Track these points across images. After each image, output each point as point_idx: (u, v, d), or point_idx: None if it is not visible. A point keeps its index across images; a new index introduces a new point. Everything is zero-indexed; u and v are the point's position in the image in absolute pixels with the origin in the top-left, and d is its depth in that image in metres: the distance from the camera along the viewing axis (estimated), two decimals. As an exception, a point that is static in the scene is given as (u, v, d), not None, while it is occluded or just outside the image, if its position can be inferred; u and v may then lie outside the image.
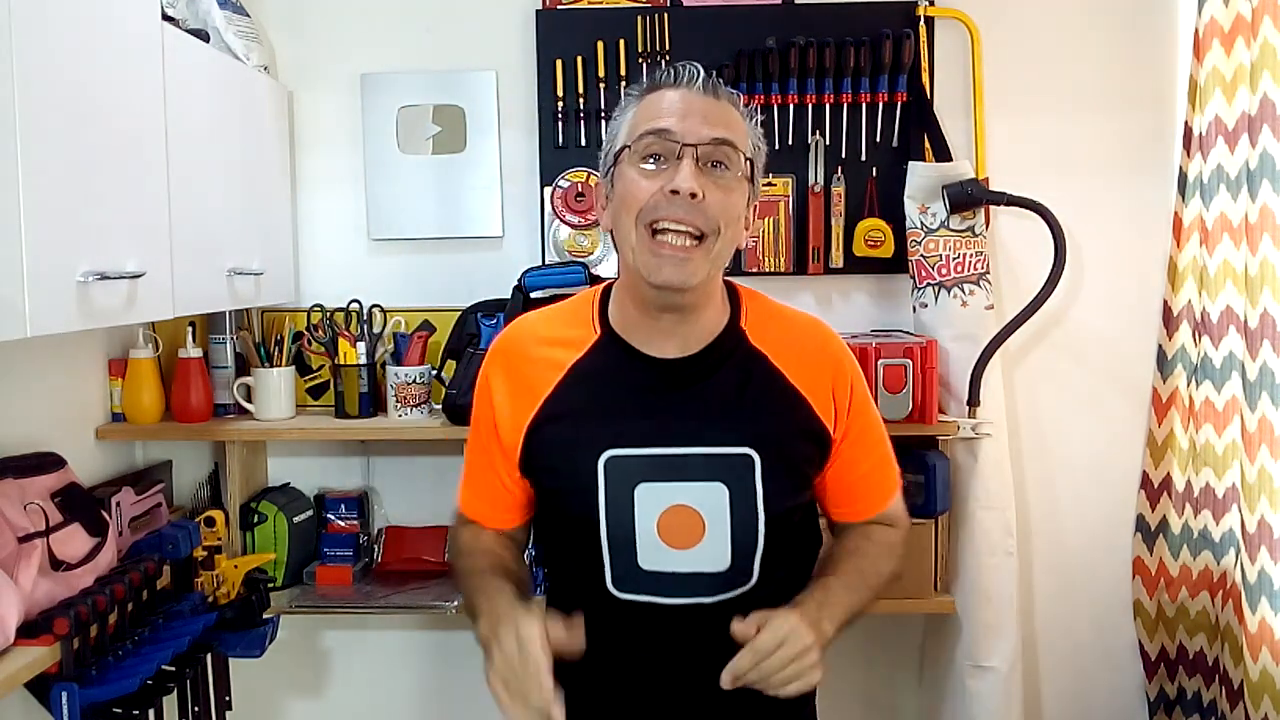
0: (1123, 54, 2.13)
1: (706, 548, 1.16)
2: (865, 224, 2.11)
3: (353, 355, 2.06)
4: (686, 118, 1.12)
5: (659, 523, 1.15)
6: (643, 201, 1.11)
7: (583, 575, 1.19)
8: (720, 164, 1.13)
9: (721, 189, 1.12)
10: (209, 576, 1.87)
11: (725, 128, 1.13)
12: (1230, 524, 2.00)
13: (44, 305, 1.23)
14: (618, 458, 1.16)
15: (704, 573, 1.16)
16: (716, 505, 1.15)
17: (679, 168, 1.10)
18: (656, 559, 1.16)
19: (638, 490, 1.15)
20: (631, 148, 1.14)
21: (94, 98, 1.36)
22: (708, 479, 1.16)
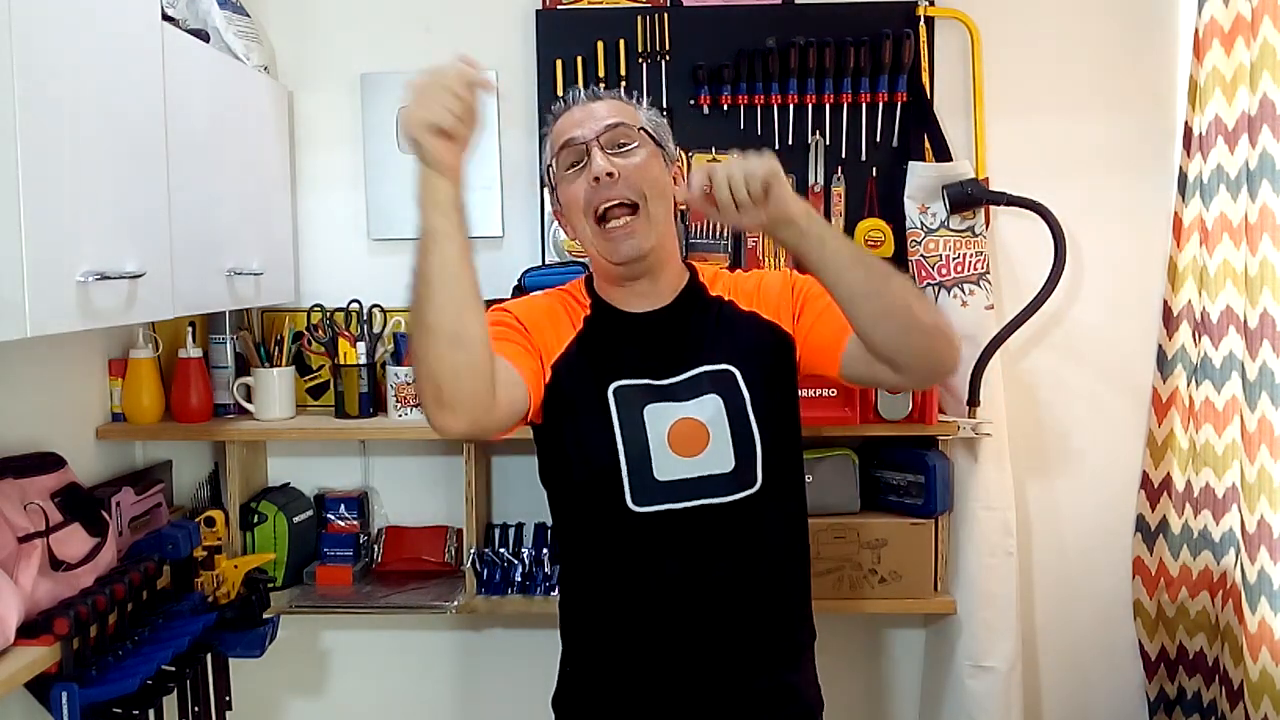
0: (1123, 54, 2.13)
1: (712, 452, 1.31)
2: (865, 224, 2.11)
3: (353, 355, 2.06)
4: (584, 123, 1.34)
5: (669, 435, 1.31)
6: (581, 199, 1.32)
7: (602, 502, 1.31)
8: (622, 144, 1.33)
9: (630, 160, 1.32)
10: (209, 576, 1.87)
11: (615, 114, 1.35)
12: (1230, 524, 2.00)
13: (44, 305, 1.23)
14: (624, 386, 1.33)
15: (713, 474, 1.31)
16: (715, 413, 1.32)
17: (592, 160, 1.31)
18: (669, 468, 1.30)
19: (646, 410, 1.32)
20: (555, 164, 1.37)
21: (94, 98, 1.36)
22: (706, 392, 1.33)
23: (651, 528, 1.30)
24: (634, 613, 1.34)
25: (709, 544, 1.31)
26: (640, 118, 1.38)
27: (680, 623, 1.33)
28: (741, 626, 1.34)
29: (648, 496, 1.30)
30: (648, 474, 1.30)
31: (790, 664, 1.41)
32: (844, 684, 2.26)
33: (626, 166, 1.31)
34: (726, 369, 1.34)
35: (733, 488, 1.31)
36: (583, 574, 1.41)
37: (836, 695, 2.24)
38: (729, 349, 1.36)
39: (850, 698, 2.27)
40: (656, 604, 1.33)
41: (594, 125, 1.33)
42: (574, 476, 1.37)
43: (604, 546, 1.35)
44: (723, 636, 1.33)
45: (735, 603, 1.33)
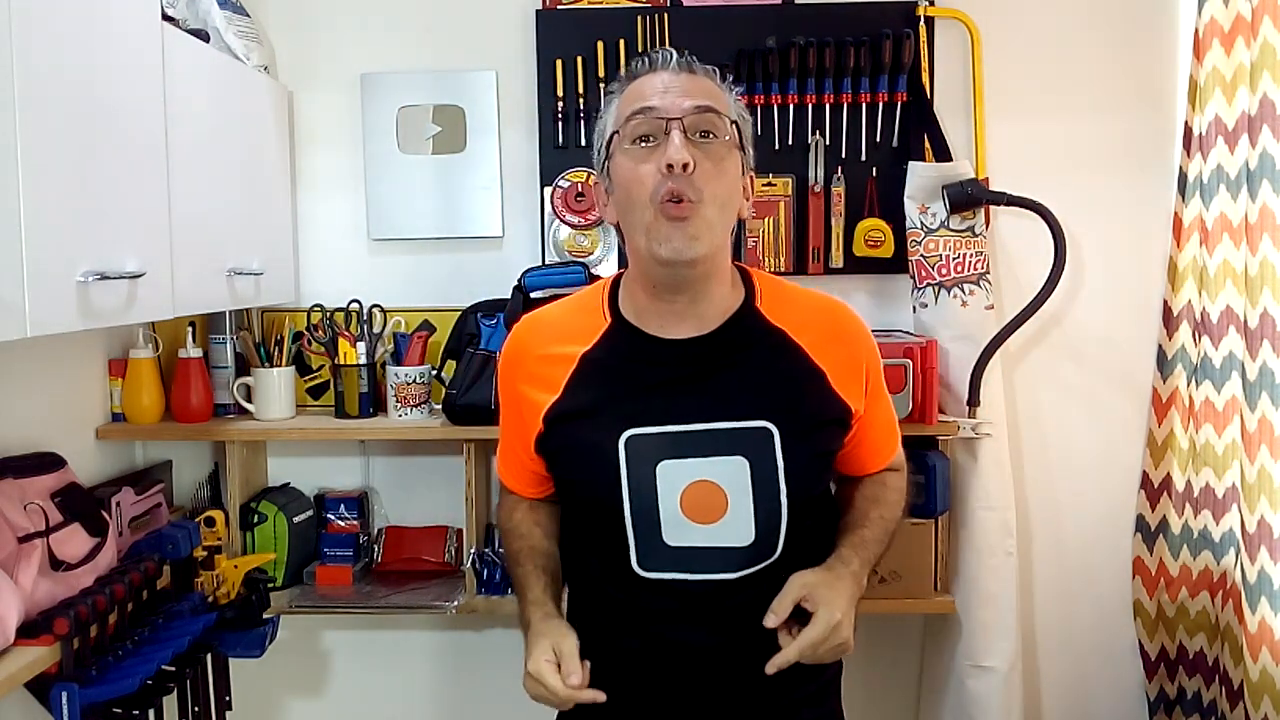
0: (1123, 54, 2.13)
1: (730, 522, 1.17)
2: (865, 224, 2.11)
3: (353, 355, 2.06)
4: (667, 93, 1.14)
5: (682, 498, 1.17)
6: (650, 186, 1.13)
7: (607, 557, 1.21)
8: (708, 133, 1.14)
9: (711, 158, 1.14)
10: (209, 576, 1.87)
11: (706, 95, 1.16)
12: (1230, 524, 2.00)
13: (44, 305, 1.23)
14: (638, 437, 1.17)
15: (729, 547, 1.17)
16: (738, 479, 1.16)
17: (669, 142, 1.12)
18: (681, 535, 1.17)
19: (659, 468, 1.17)
20: (621, 132, 1.16)
21: (94, 98, 1.36)
22: (728, 453, 1.16)
23: (658, 592, 1.19)
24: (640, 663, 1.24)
25: (718, 615, 1.19)
26: (732, 109, 1.19)
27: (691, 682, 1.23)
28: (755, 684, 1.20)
29: (655, 562, 1.18)
30: (656, 539, 1.17)
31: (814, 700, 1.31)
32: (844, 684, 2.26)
33: (706, 164, 1.13)
34: (764, 427, 1.17)
35: (747, 562, 1.18)
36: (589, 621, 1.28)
37: (836, 695, 2.26)
38: (775, 402, 1.18)
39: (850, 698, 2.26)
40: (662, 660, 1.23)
41: (681, 101, 1.14)
42: (579, 539, 1.30)
43: (610, 601, 1.24)
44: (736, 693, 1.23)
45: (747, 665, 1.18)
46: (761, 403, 1.18)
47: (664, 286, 1.19)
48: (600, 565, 1.24)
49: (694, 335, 1.20)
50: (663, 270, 1.16)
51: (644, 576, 1.19)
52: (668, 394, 1.19)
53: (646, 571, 1.18)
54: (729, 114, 1.17)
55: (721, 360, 1.20)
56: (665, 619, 1.21)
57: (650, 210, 1.13)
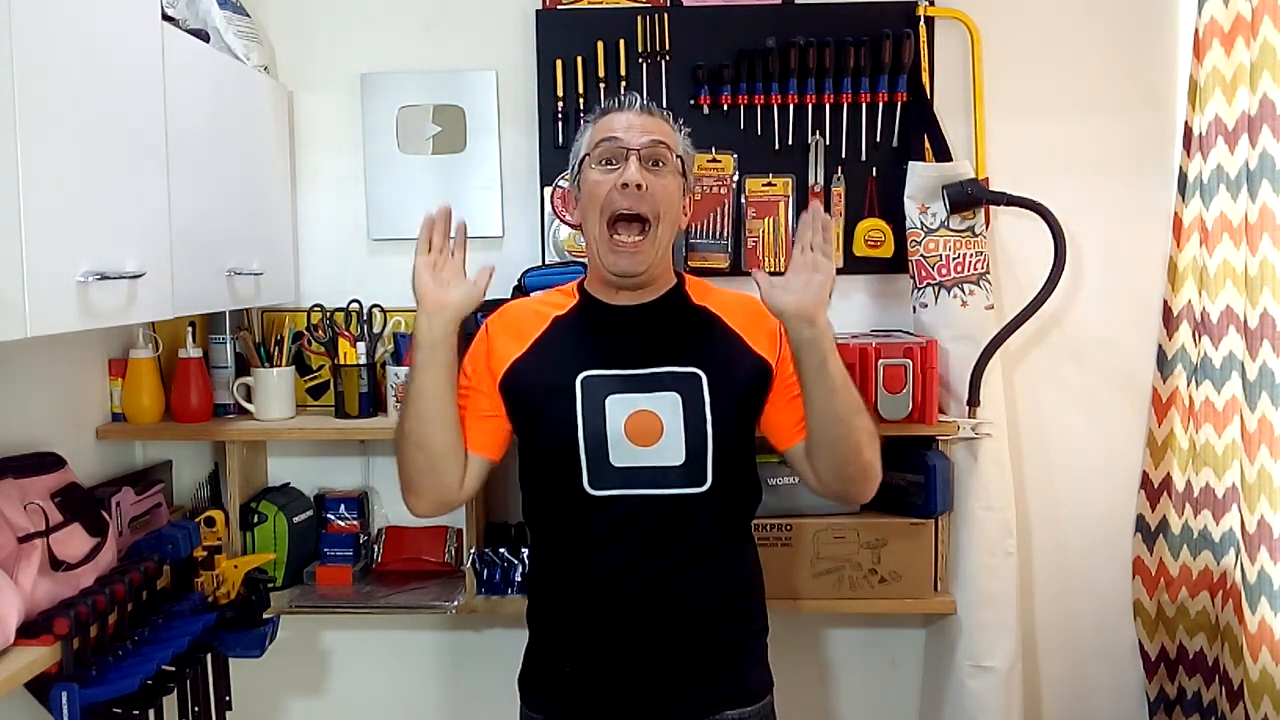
0: (1123, 54, 2.13)
1: (666, 445, 1.42)
2: (865, 224, 2.11)
3: (353, 355, 2.06)
4: (630, 129, 1.44)
5: (626, 425, 1.42)
6: (602, 197, 1.42)
7: (561, 482, 1.43)
8: (659, 161, 1.44)
9: (660, 180, 1.44)
10: (209, 576, 1.87)
11: (659, 133, 1.46)
12: (1230, 524, 2.01)
13: (44, 305, 1.23)
14: (591, 376, 1.44)
15: (665, 465, 1.42)
16: (672, 410, 1.43)
17: (627, 166, 1.42)
18: (625, 456, 1.41)
19: (608, 400, 1.43)
20: (591, 155, 1.47)
21: (94, 98, 1.36)
22: (665, 390, 1.43)
23: (606, 510, 1.42)
24: (588, 589, 1.45)
25: (658, 530, 1.42)
26: (679, 145, 1.49)
27: (630, 601, 1.42)
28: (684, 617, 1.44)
29: (603, 480, 1.41)
30: (604, 460, 1.41)
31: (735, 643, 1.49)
32: (844, 684, 2.26)
33: (655, 184, 1.42)
34: (694, 372, 1.45)
35: (683, 482, 1.42)
36: (544, 550, 1.53)
37: (836, 695, 2.26)
38: (702, 355, 1.47)
39: (850, 698, 2.27)
40: (609, 581, 1.43)
41: (639, 136, 1.43)
42: (537, 457, 1.50)
43: (563, 525, 1.47)
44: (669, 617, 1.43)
45: (679, 596, 1.43)
46: (691, 355, 1.46)
47: (616, 286, 1.49)
48: (554, 491, 1.46)
49: (638, 303, 1.50)
50: (614, 278, 1.46)
51: (593, 495, 1.41)
52: (617, 345, 1.47)
53: (596, 490, 1.41)
54: (676, 149, 1.48)
55: (659, 322, 1.50)
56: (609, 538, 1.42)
57: (599, 223, 1.43)
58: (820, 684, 2.27)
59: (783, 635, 1.60)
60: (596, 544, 1.43)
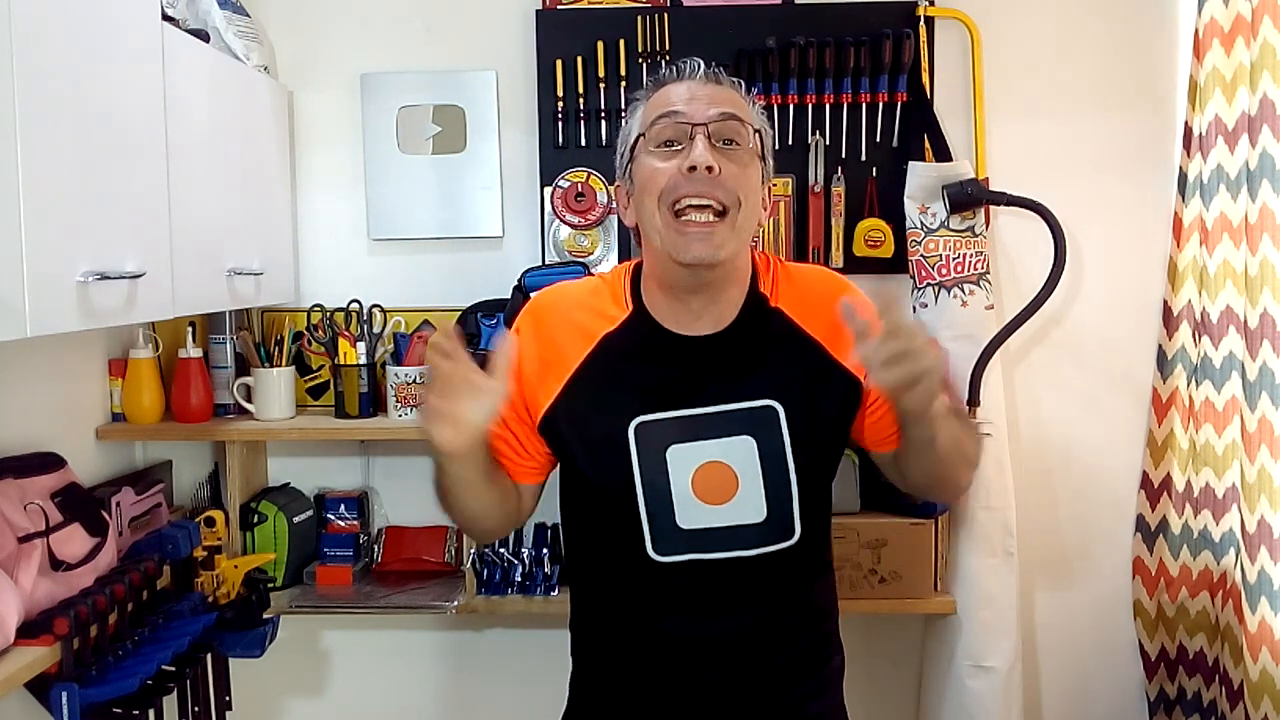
0: (1123, 54, 2.13)
1: (742, 500, 1.19)
2: (865, 224, 2.11)
3: (353, 355, 2.06)
4: (693, 101, 1.17)
5: (693, 480, 1.19)
6: (663, 184, 1.15)
7: (620, 546, 1.22)
8: (731, 140, 1.17)
9: (736, 163, 1.16)
10: (209, 576, 1.87)
11: (731, 104, 1.18)
12: (1230, 524, 2.00)
13: (44, 305, 1.23)
14: (647, 423, 1.19)
15: (743, 524, 1.19)
16: (747, 458, 1.19)
17: (693, 146, 1.15)
18: (694, 517, 1.19)
19: (670, 451, 1.19)
20: (646, 135, 1.19)
21: (94, 98, 1.36)
22: (736, 433, 1.19)
23: (675, 577, 1.20)
24: (654, 657, 1.25)
25: (737, 596, 1.22)
26: (755, 119, 1.22)
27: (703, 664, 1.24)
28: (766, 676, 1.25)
29: (670, 545, 1.20)
30: (670, 522, 1.19)
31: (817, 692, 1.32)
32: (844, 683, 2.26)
33: (730, 167, 1.15)
34: (769, 405, 1.20)
35: (767, 539, 1.20)
36: (599, 616, 1.31)
37: (836, 695, 2.25)
38: (778, 381, 1.21)
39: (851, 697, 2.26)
40: (679, 649, 1.24)
41: (706, 109, 1.17)
42: (586, 515, 1.29)
43: (622, 592, 1.25)
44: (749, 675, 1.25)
45: (761, 654, 1.24)
46: (764, 382, 1.21)
47: (681, 287, 1.21)
48: (612, 555, 1.25)
49: (710, 333, 1.22)
50: (682, 271, 1.18)
51: (659, 561, 1.20)
52: (678, 380, 1.21)
53: (661, 556, 1.20)
54: (753, 123, 1.20)
55: (733, 351, 1.23)
56: (679, 606, 1.22)
57: (659, 214, 1.16)
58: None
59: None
60: (664, 611, 1.23)
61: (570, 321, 1.26)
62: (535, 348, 1.25)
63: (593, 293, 1.30)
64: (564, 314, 1.27)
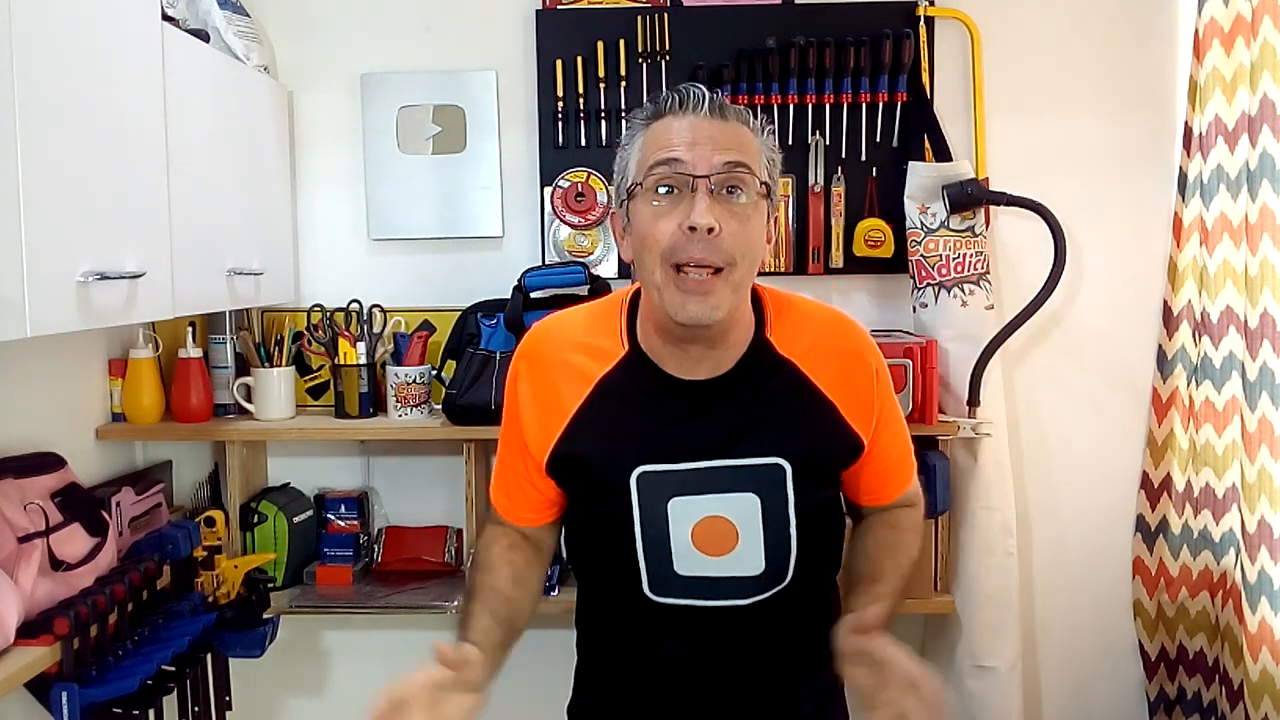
0: (1123, 54, 2.13)
1: (741, 554, 1.18)
2: (865, 224, 2.11)
3: (353, 355, 2.06)
4: (695, 146, 1.09)
5: (693, 532, 1.17)
6: (664, 243, 1.09)
7: (618, 581, 1.22)
8: (735, 189, 1.10)
9: (738, 218, 1.09)
10: (209, 576, 1.87)
11: (737, 150, 1.10)
12: (1230, 524, 2.00)
13: (44, 305, 1.23)
14: (649, 474, 1.17)
15: (740, 576, 1.19)
16: (749, 514, 1.17)
17: (694, 201, 1.08)
18: (692, 565, 1.18)
19: (671, 504, 1.17)
20: (643, 184, 1.12)
21: (94, 98, 1.36)
22: (739, 490, 1.17)
23: (670, 617, 1.21)
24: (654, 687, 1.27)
25: (730, 638, 1.22)
26: (761, 161, 1.13)
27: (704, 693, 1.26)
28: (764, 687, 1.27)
29: (667, 589, 1.19)
30: (667, 567, 1.18)
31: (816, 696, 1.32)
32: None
33: (730, 224, 1.08)
34: (775, 464, 1.17)
35: (758, 590, 1.19)
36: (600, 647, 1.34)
37: (836, 695, 2.25)
38: (785, 438, 1.18)
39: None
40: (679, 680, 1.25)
41: (710, 156, 1.08)
42: (588, 554, 1.29)
43: (621, 625, 1.27)
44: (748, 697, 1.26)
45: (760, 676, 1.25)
46: (772, 439, 1.17)
47: (678, 336, 1.17)
48: (611, 588, 1.25)
49: (708, 378, 1.18)
50: (680, 327, 1.13)
51: (655, 601, 1.20)
52: (680, 431, 1.18)
53: (658, 596, 1.20)
54: (759, 170, 1.12)
55: (734, 398, 1.19)
56: (674, 640, 1.23)
57: (662, 270, 1.10)
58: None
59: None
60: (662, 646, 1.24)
61: (566, 364, 1.22)
62: (532, 392, 1.23)
63: (588, 328, 1.25)
64: (559, 355, 1.23)
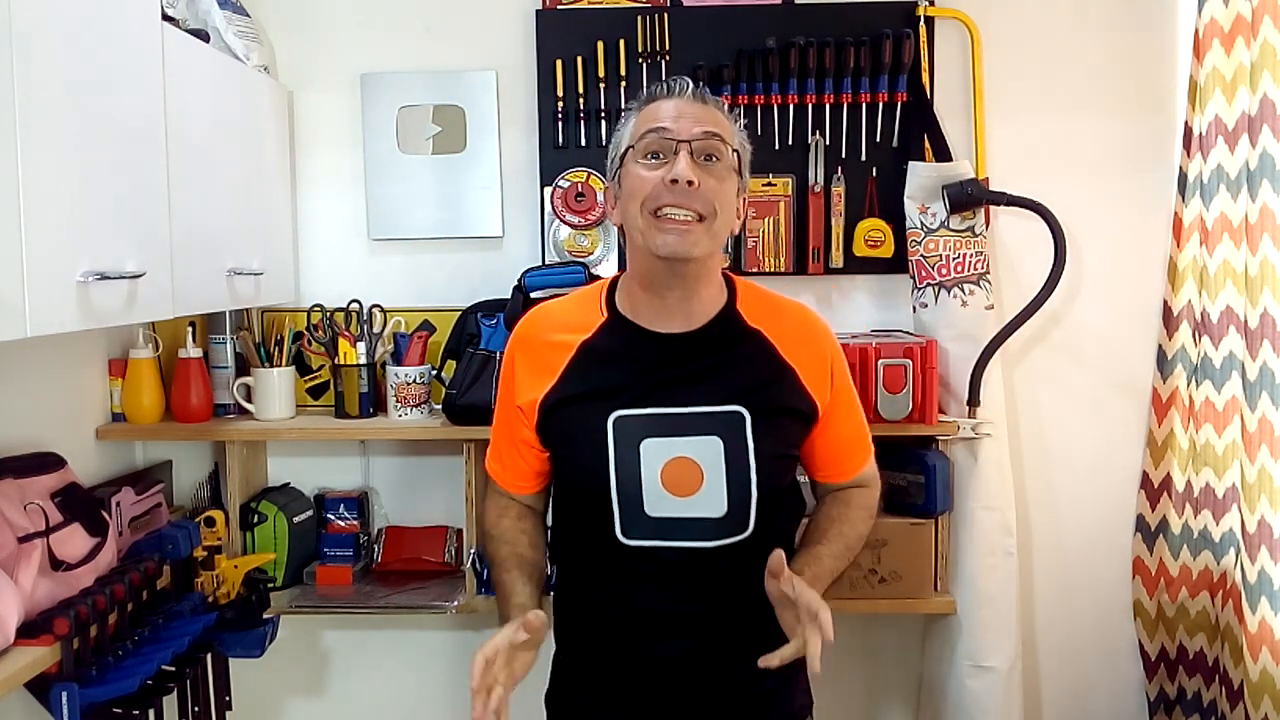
0: (1123, 54, 2.13)
1: (705, 495, 1.31)
2: (865, 224, 2.11)
3: (353, 355, 2.06)
4: (680, 119, 1.30)
5: (662, 473, 1.31)
6: (647, 191, 1.29)
7: (593, 528, 1.34)
8: (712, 156, 1.30)
9: (714, 177, 1.29)
10: (209, 576, 1.87)
11: (714, 124, 1.31)
12: (1230, 524, 2.01)
13: (44, 305, 1.23)
14: (624, 417, 1.32)
15: (704, 518, 1.32)
16: (713, 456, 1.31)
17: (676, 160, 1.28)
18: (661, 506, 1.31)
19: (643, 445, 1.31)
20: (635, 147, 1.32)
21: (94, 98, 1.36)
22: (704, 433, 1.31)
23: (640, 560, 1.33)
24: (623, 632, 1.38)
25: (698, 579, 1.34)
26: (735, 138, 1.35)
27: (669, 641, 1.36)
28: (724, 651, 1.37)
29: (637, 531, 1.32)
30: (638, 510, 1.31)
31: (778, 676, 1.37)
32: (844, 684, 2.26)
33: (709, 182, 1.28)
34: (737, 411, 1.32)
35: (721, 533, 1.32)
36: (576, 590, 1.46)
37: (836, 695, 2.26)
38: (747, 390, 1.33)
39: (850, 698, 2.27)
40: (646, 626, 1.36)
41: (691, 127, 1.29)
42: (568, 498, 1.44)
43: (595, 569, 1.39)
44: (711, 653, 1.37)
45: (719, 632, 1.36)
46: (735, 390, 1.33)
47: (659, 283, 1.33)
48: (587, 537, 1.38)
49: (682, 331, 1.36)
50: (660, 265, 1.31)
51: (627, 544, 1.32)
52: (654, 380, 1.34)
53: (629, 540, 1.32)
54: (732, 143, 1.33)
55: (704, 353, 1.35)
56: (645, 586, 1.35)
57: (642, 217, 1.30)
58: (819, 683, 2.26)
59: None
60: (631, 590, 1.36)
61: (551, 342, 1.40)
62: (525, 364, 1.41)
63: (572, 309, 1.44)
64: (545, 335, 1.42)
